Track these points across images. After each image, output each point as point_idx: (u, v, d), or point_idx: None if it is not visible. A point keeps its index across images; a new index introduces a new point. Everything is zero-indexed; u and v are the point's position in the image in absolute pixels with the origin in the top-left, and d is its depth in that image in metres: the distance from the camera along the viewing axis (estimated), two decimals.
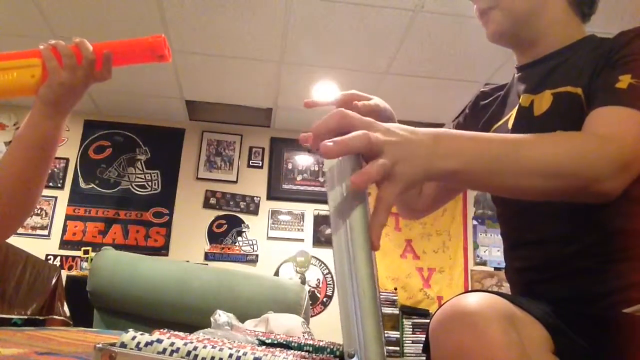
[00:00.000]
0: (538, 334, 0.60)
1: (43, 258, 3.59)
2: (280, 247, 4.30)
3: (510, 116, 0.90)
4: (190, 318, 1.87)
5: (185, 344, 0.49)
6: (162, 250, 4.17)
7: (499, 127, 0.94)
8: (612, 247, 0.76)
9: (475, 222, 4.63)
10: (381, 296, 4.73)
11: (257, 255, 4.27)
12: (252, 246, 4.31)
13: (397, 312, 4.15)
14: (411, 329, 4.11)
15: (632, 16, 2.75)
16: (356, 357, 0.44)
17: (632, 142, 0.63)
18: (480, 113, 1.01)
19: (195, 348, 0.49)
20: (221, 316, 0.89)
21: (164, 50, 0.90)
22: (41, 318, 2.70)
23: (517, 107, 0.89)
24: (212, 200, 4.38)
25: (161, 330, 0.56)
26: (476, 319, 0.53)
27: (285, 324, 1.58)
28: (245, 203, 4.41)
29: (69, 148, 4.29)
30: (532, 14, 0.88)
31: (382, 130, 0.51)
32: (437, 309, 0.59)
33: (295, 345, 0.76)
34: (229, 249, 4.27)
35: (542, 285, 0.82)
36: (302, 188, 4.51)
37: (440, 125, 4.27)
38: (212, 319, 0.90)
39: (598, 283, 0.75)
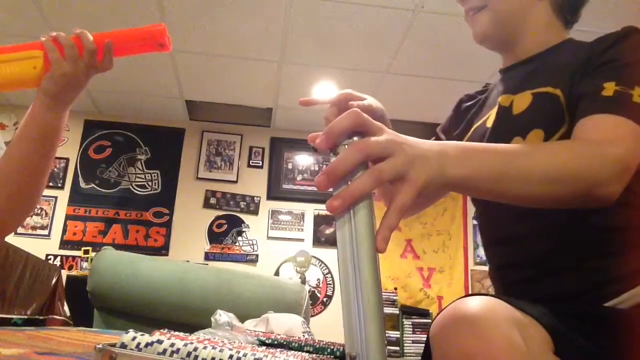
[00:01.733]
0: (539, 335, 0.60)
1: (43, 258, 3.59)
2: (280, 247, 4.30)
3: (490, 115, 0.92)
4: (190, 318, 1.87)
5: (186, 345, 0.49)
6: (162, 250, 4.17)
7: (478, 126, 0.95)
8: (590, 244, 0.77)
9: (475, 222, 4.62)
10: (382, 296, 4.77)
11: (257, 255, 4.27)
12: (252, 246, 4.31)
13: (397, 312, 4.15)
14: (411, 329, 4.11)
15: (633, 16, 2.75)
16: (358, 359, 0.44)
17: (626, 147, 0.65)
18: (463, 114, 1.04)
19: (195, 349, 0.49)
20: (222, 316, 0.89)
21: (164, 39, 0.90)
22: (41, 318, 2.71)
23: (496, 107, 0.90)
24: (212, 200, 4.38)
25: (161, 330, 0.56)
26: (479, 323, 0.53)
27: (285, 324, 1.58)
28: (245, 203, 4.41)
29: (69, 148, 4.29)
30: (519, 17, 0.90)
31: (392, 134, 0.50)
32: (438, 313, 0.59)
33: (296, 345, 0.76)
34: (229, 248, 4.27)
35: (523, 285, 0.83)
36: (302, 188, 4.51)
37: None
38: (212, 318, 0.90)
39: (579, 280, 0.76)
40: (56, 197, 4.20)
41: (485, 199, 0.62)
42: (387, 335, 4.04)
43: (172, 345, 0.49)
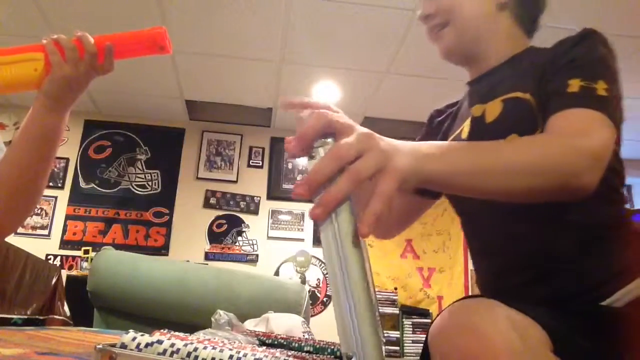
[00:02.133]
0: (538, 335, 0.60)
1: (43, 258, 3.59)
2: (280, 246, 4.30)
3: (464, 127, 0.93)
4: (190, 318, 1.87)
5: (186, 345, 0.49)
6: (162, 250, 4.17)
7: (454, 138, 0.96)
8: (586, 243, 0.77)
9: None
10: (381, 296, 4.63)
11: (257, 255, 4.27)
12: (252, 246, 4.31)
13: (397, 312, 4.15)
14: (411, 329, 4.12)
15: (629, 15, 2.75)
16: (354, 359, 0.44)
17: (598, 137, 0.66)
18: (436, 129, 1.05)
19: (195, 349, 0.49)
20: (222, 316, 0.89)
21: (165, 41, 0.90)
22: (41, 318, 2.71)
23: (470, 118, 0.91)
24: (212, 200, 4.38)
25: (161, 330, 0.56)
26: (478, 324, 0.53)
27: (285, 324, 1.59)
28: (245, 203, 4.41)
29: (69, 148, 4.29)
30: (482, 30, 0.92)
31: (363, 131, 0.50)
32: (438, 313, 0.59)
33: (296, 345, 0.76)
34: (229, 248, 4.27)
35: (521, 288, 0.82)
36: None
37: None
38: (212, 318, 0.91)
39: (576, 280, 0.77)
40: (56, 197, 4.20)
41: (463, 196, 0.62)
42: (387, 335, 4.04)
43: (172, 345, 0.49)
